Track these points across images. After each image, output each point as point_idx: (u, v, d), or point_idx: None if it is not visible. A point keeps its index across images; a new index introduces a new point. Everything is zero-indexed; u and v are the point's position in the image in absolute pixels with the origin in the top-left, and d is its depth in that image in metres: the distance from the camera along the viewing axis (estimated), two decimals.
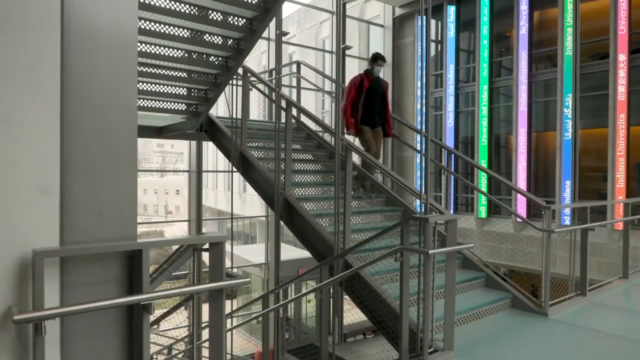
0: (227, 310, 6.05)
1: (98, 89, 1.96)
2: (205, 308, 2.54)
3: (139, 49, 4.68)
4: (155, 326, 4.81)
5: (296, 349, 11.87)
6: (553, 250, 4.68)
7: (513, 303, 4.60)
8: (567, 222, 10.52)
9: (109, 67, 1.98)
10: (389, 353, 4.33)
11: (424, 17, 3.67)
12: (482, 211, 12.94)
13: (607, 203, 9.90)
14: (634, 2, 10.32)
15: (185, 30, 4.79)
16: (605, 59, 10.75)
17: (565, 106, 11.22)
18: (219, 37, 5.02)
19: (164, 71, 5.32)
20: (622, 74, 10.38)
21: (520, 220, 11.02)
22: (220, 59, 5.36)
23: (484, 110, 13.05)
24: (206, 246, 2.31)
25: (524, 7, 12.16)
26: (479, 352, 3.54)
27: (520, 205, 11.67)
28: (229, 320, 5.85)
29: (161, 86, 5.60)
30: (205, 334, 5.04)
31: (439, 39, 14.61)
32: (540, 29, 12.45)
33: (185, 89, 5.82)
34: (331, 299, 4.83)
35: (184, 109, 6.08)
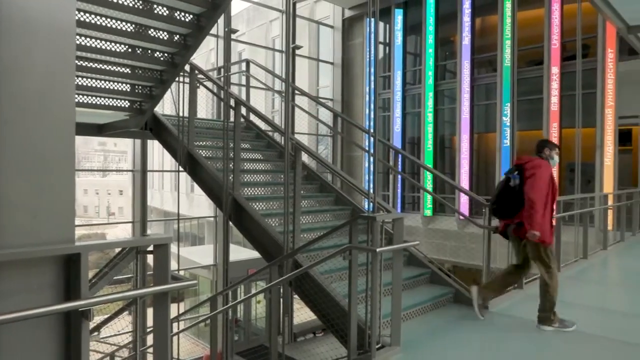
0: (174, 314, 5.89)
1: (32, 84, 1.84)
2: (151, 312, 2.46)
3: (78, 42, 4.45)
4: (96, 333, 4.59)
5: (245, 351, 11.73)
6: (493, 246, 4.92)
7: (456, 297, 4.79)
8: None
9: (44, 60, 1.86)
10: (338, 351, 4.38)
11: (372, 20, 3.74)
12: (428, 210, 13.37)
13: None
14: (565, 13, 11.03)
15: (129, 24, 4.61)
16: (540, 65, 11.43)
17: (504, 109, 11.81)
18: (165, 33, 4.87)
19: (105, 66, 5.09)
20: (555, 84, 11.06)
21: (463, 218, 11.49)
22: (166, 55, 5.20)
23: (430, 112, 13.48)
24: (150, 248, 2.23)
25: (466, 17, 12.67)
26: (424, 345, 3.66)
27: (464, 204, 12.16)
28: (175, 324, 5.70)
29: (103, 82, 5.35)
30: (150, 340, 4.88)
31: (387, 41, 14.93)
32: (482, 35, 13.03)
33: (128, 86, 5.59)
34: (281, 299, 4.82)
35: (127, 106, 5.85)
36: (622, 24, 8.41)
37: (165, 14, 4.52)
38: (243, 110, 6.55)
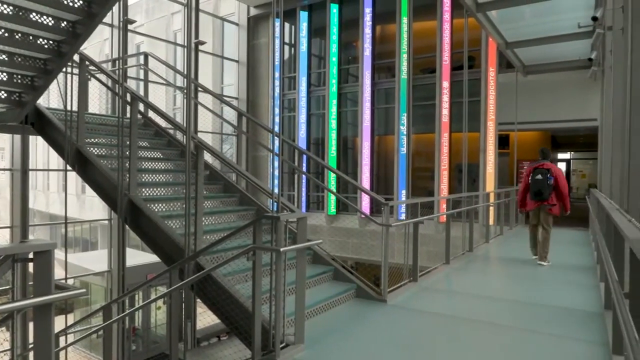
0: (61, 326, 5.38)
1: None
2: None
3: None
4: None
5: None
6: (391, 242, 5.20)
7: (357, 293, 4.98)
8: (404, 216, 11.79)
9: None
10: (242, 353, 4.33)
11: (276, 20, 3.75)
12: (332, 209, 13.74)
13: (434, 199, 11.35)
14: (455, 26, 12.01)
15: (6, 6, 4.12)
16: (433, 73, 12.32)
17: (402, 113, 12.55)
18: (50, 18, 4.44)
19: None
20: (446, 89, 11.98)
21: (364, 216, 11.99)
22: (51, 42, 4.74)
23: (333, 113, 13.87)
24: (31, 256, 2.01)
25: (368, 25, 13.24)
26: (327, 341, 3.76)
27: (365, 203, 12.70)
28: (62, 338, 5.22)
29: None
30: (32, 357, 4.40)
31: (293, 42, 15.08)
32: (382, 42, 13.71)
33: (5, 74, 5.00)
34: (183, 304, 4.63)
35: (4, 97, 5.23)
36: (501, 39, 9.39)
37: None
38: (140, 106, 6.20)
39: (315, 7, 14.33)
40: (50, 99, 7.42)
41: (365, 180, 13.09)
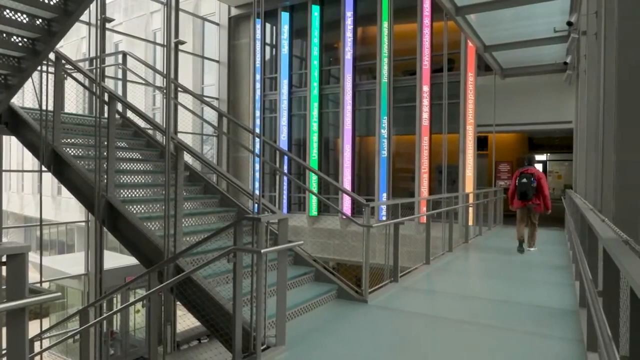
0: (36, 331, 5.25)
1: None
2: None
3: None
4: None
5: None
6: (372, 243, 5.23)
7: (339, 294, 4.99)
8: (385, 217, 11.87)
9: None
10: (223, 355, 4.29)
11: (257, 21, 3.74)
12: (313, 210, 13.74)
13: (415, 200, 11.46)
14: (435, 29, 12.15)
15: None
16: (413, 75, 12.44)
17: (382, 116, 12.63)
18: (24, 15, 4.33)
19: None
20: (426, 93, 12.12)
21: (345, 217, 12.03)
22: (25, 40, 4.61)
23: (315, 114, 13.88)
24: (4, 259, 1.96)
25: (349, 27, 13.30)
26: (308, 342, 3.75)
27: (347, 204, 12.74)
28: (37, 343, 5.09)
29: None
30: None
31: (274, 43, 15.04)
32: (363, 44, 13.78)
33: None
34: (162, 307, 4.57)
35: None
36: (480, 43, 9.54)
37: None
38: (119, 106, 6.10)
39: (296, 8, 14.33)
40: (25, 98, 7.24)
41: (347, 182, 13.13)
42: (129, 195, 5.33)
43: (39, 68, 5.27)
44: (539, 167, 21.69)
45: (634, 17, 2.56)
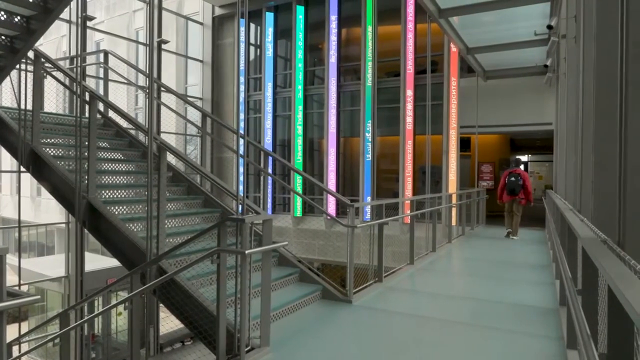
0: (14, 335, 5.13)
1: None
2: None
3: None
4: None
5: None
6: (357, 243, 5.24)
7: (323, 294, 5.00)
8: (369, 218, 11.91)
9: None
10: (207, 358, 4.25)
11: (241, 21, 3.72)
12: (298, 210, 13.72)
13: (399, 200, 11.53)
14: (418, 31, 12.24)
15: None
16: (397, 77, 12.51)
17: (367, 119, 12.68)
18: (2, 12, 4.23)
19: None
20: (410, 97, 12.20)
21: (329, 218, 12.04)
22: (3, 37, 4.52)
23: (300, 115, 13.87)
24: None
25: (333, 27, 13.32)
26: (292, 343, 3.75)
27: (331, 205, 12.75)
28: (16, 347, 4.98)
29: None
30: None
31: (258, 43, 14.99)
32: (348, 45, 13.82)
33: None
34: (145, 309, 4.51)
35: None
36: (462, 45, 9.65)
37: None
38: (100, 106, 6.01)
39: (281, 8, 14.30)
40: (3, 97, 7.09)
41: (331, 182, 13.15)
42: (111, 196, 5.26)
43: (17, 66, 5.16)
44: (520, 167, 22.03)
45: (612, 21, 2.61)
